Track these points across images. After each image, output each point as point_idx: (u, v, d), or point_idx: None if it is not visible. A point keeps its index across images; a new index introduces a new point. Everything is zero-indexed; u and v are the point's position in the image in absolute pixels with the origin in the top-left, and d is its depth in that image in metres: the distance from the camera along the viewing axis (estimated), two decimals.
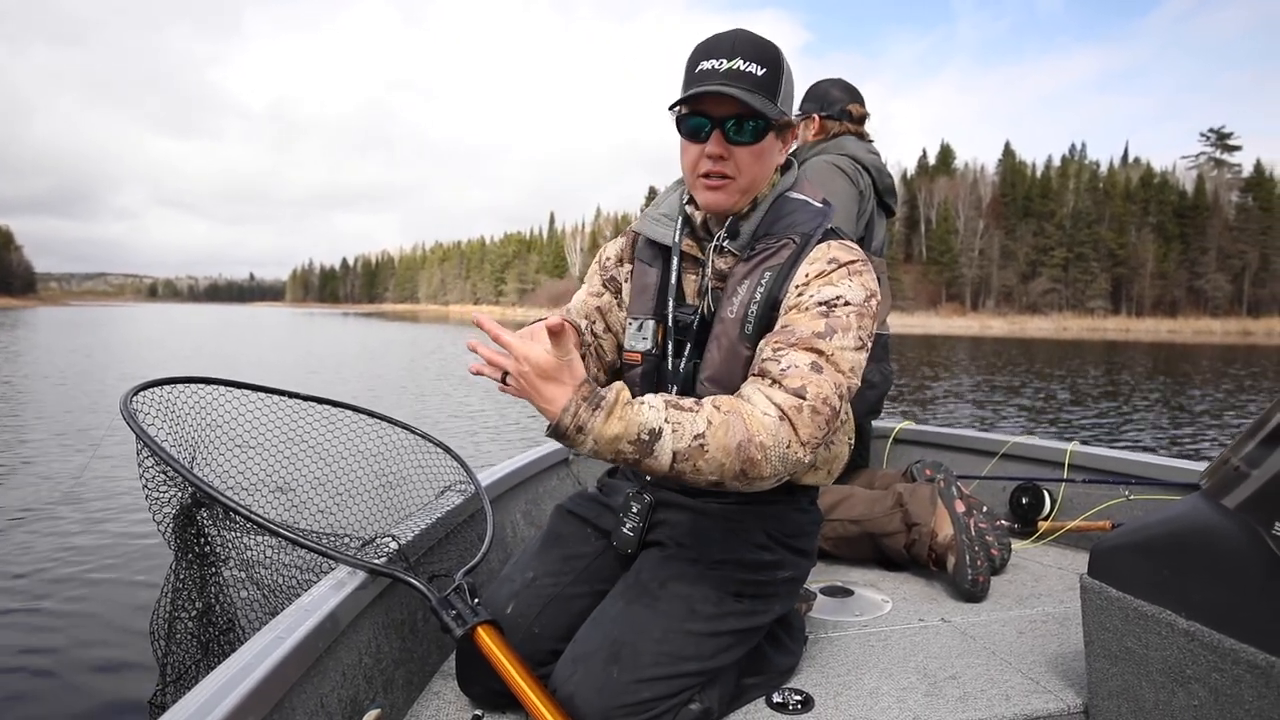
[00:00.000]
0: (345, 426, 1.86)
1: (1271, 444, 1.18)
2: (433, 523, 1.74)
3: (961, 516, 2.14)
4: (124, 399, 1.44)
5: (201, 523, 1.49)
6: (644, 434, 1.20)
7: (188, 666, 1.48)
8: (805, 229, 1.44)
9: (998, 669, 1.64)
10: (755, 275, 1.42)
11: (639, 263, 1.60)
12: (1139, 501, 2.38)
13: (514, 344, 1.19)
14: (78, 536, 4.97)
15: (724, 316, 1.44)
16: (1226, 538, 1.18)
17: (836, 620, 1.91)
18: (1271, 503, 1.14)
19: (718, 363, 1.44)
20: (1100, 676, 1.38)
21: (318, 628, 1.25)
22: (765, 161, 1.44)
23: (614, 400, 1.21)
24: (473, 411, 11.59)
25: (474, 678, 1.48)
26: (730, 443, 1.22)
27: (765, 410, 1.25)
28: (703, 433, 1.21)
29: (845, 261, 1.39)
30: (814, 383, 1.27)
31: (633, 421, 1.20)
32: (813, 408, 1.26)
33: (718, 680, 1.42)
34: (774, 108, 1.37)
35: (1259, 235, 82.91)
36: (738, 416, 1.24)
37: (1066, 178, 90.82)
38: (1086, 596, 1.40)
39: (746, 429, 1.23)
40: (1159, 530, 1.30)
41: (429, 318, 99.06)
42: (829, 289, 1.36)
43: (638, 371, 1.56)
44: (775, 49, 1.39)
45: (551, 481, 2.60)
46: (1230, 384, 18.45)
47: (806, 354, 1.30)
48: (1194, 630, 1.20)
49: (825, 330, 1.32)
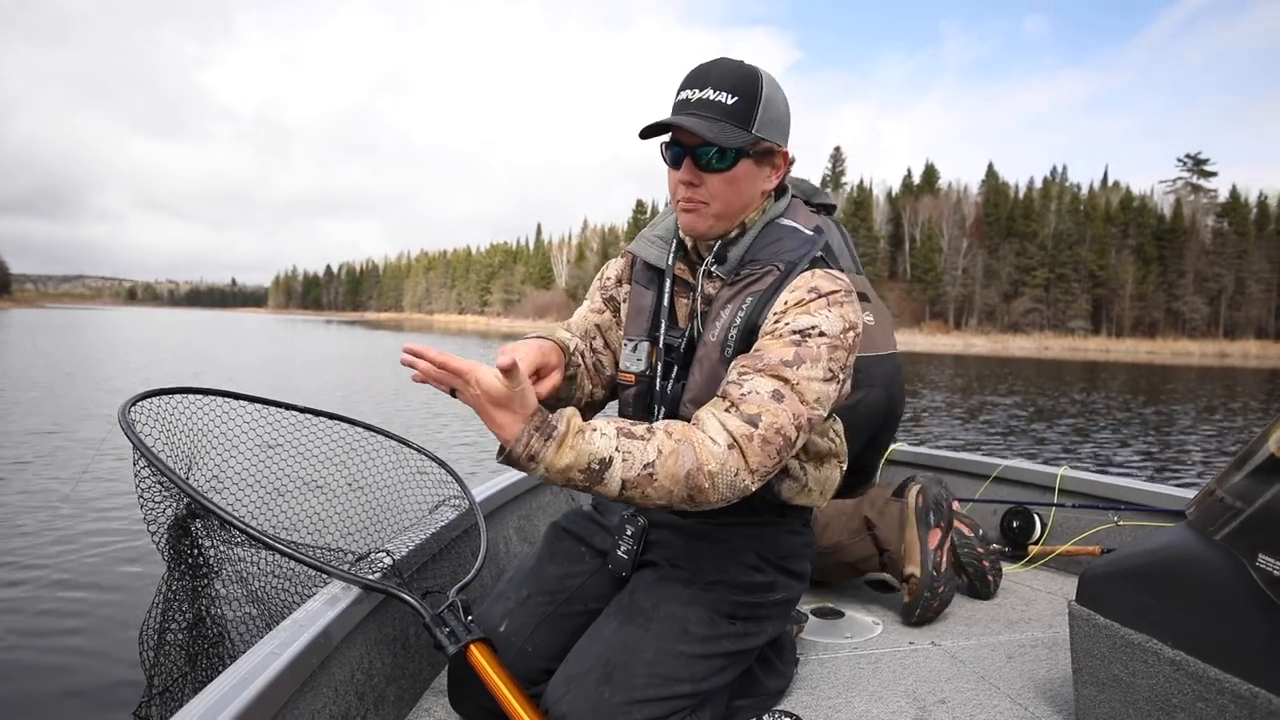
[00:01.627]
0: (340, 439, 1.86)
1: (1255, 477, 1.20)
2: (427, 538, 1.74)
3: (933, 553, 2.08)
4: (122, 409, 1.44)
5: (196, 534, 1.48)
6: (594, 463, 1.21)
7: (175, 679, 1.47)
8: (791, 256, 1.43)
9: (986, 694, 1.65)
10: (738, 300, 1.43)
11: (635, 285, 1.62)
12: (1128, 528, 2.41)
13: (464, 368, 1.18)
14: (69, 544, 4.92)
15: (707, 340, 1.45)
16: (1212, 569, 1.20)
17: (827, 642, 1.92)
18: (1255, 535, 1.16)
19: (700, 385, 1.45)
20: (1088, 704, 1.40)
21: (311, 643, 1.25)
22: (740, 188, 1.43)
23: (565, 430, 1.21)
24: (459, 424, 11.57)
25: (466, 695, 1.48)
26: (679, 471, 1.23)
27: (715, 437, 1.25)
28: (652, 461, 1.22)
29: (826, 292, 1.38)
30: (770, 411, 1.27)
31: (583, 451, 1.21)
32: (764, 437, 1.26)
33: (709, 702, 1.42)
34: (739, 135, 1.36)
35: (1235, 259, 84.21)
36: (688, 445, 1.24)
37: (1048, 199, 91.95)
38: (1075, 623, 1.41)
39: (696, 457, 1.23)
40: (1146, 559, 1.32)
41: (413, 326, 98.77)
42: (805, 318, 1.35)
43: (631, 392, 1.57)
44: (754, 77, 1.38)
45: (545, 497, 2.60)
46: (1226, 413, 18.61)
47: (770, 380, 1.30)
48: (1180, 659, 1.22)
49: (794, 359, 1.31)
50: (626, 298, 1.65)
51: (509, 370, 1.17)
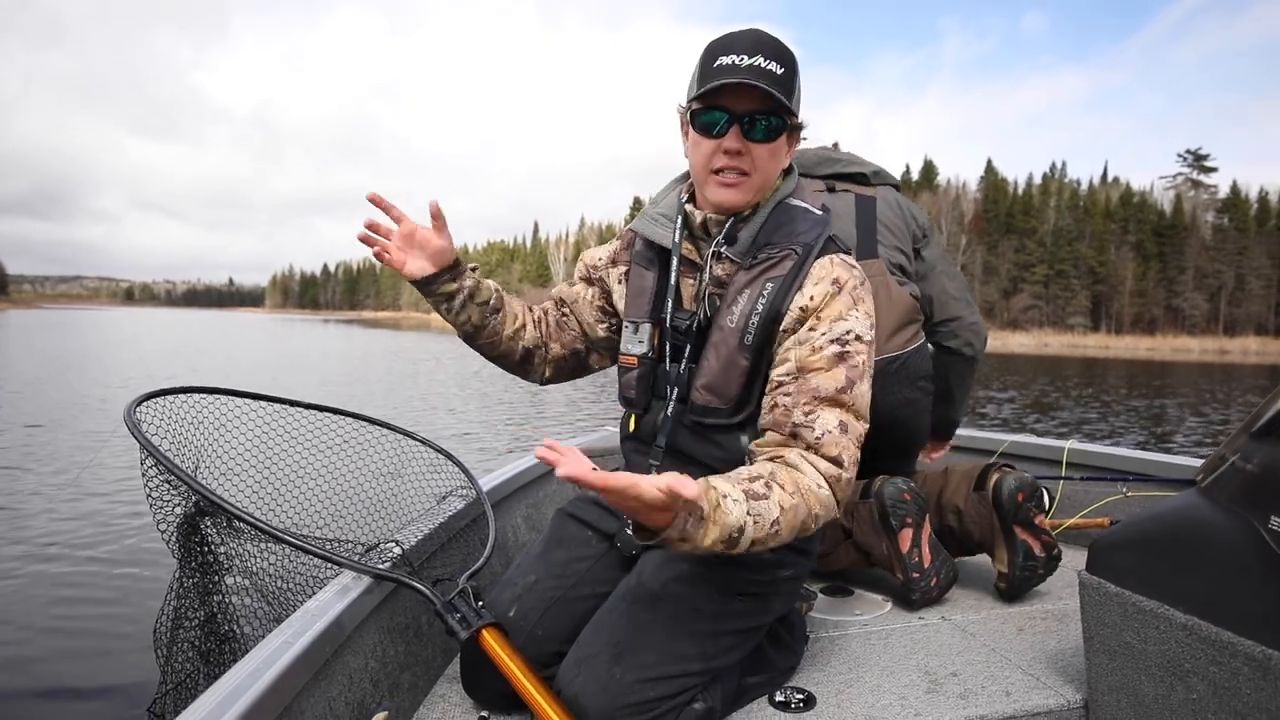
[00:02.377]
0: (347, 434, 1.86)
1: (1265, 438, 1.20)
2: (435, 528, 1.74)
3: (907, 555, 1.99)
4: (128, 409, 1.45)
5: (205, 531, 1.49)
6: (733, 533, 1.21)
7: (188, 674, 1.48)
8: (806, 239, 1.43)
9: (998, 666, 1.65)
10: (757, 285, 1.42)
11: (635, 266, 1.60)
12: (1136, 498, 2.40)
13: (623, 485, 1.10)
14: (81, 541, 4.95)
15: (723, 325, 1.44)
16: (1223, 532, 1.20)
17: (837, 619, 1.93)
18: (1266, 497, 1.16)
19: (715, 371, 1.45)
20: (1100, 672, 1.40)
21: (324, 633, 1.25)
22: (778, 161, 1.44)
23: (711, 511, 1.20)
24: (469, 417, 11.59)
25: (479, 680, 1.49)
26: (797, 521, 1.28)
27: (819, 484, 1.31)
28: (777, 518, 1.25)
29: (848, 285, 1.40)
30: (846, 448, 1.34)
31: (724, 525, 1.20)
32: (847, 479, 1.34)
33: (720, 679, 1.43)
34: (787, 106, 1.37)
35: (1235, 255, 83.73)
36: (800, 496, 1.28)
37: (1048, 195, 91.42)
38: (1085, 593, 1.41)
39: (808, 507, 1.29)
40: (1156, 526, 1.32)
41: (411, 325, 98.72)
42: (840, 325, 1.37)
43: (634, 374, 1.56)
44: (791, 51, 1.40)
45: (552, 485, 2.60)
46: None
47: (834, 413, 1.35)
48: (1192, 624, 1.22)
49: (846, 383, 1.36)
50: (621, 279, 1.63)
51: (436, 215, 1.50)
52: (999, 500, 2.05)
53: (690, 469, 1.53)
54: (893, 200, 2.34)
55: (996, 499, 2.05)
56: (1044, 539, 2.05)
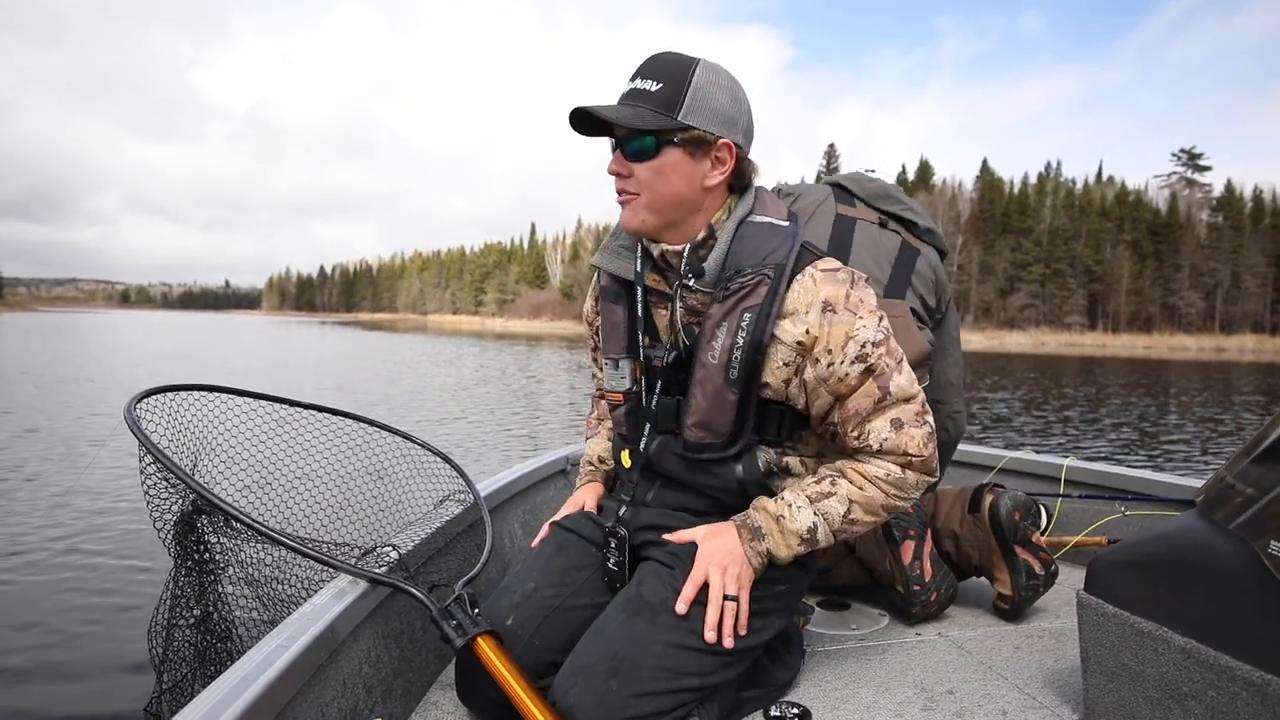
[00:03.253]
0: (346, 435, 1.86)
1: (1266, 463, 1.20)
2: (432, 532, 1.74)
3: (909, 569, 1.99)
4: (128, 405, 1.44)
5: (202, 530, 1.48)
6: (805, 534, 1.42)
7: (184, 674, 1.48)
8: (777, 258, 1.38)
9: (994, 684, 1.65)
10: (734, 317, 1.38)
11: (604, 301, 1.58)
12: (1135, 518, 2.40)
13: (696, 587, 1.41)
14: (77, 540, 4.95)
15: (705, 361, 1.41)
16: (1222, 556, 1.20)
17: (834, 634, 1.92)
18: (1266, 521, 1.15)
19: (704, 409, 1.43)
20: (1097, 693, 1.40)
21: (319, 637, 1.25)
22: (670, 179, 1.38)
23: (771, 524, 1.43)
24: (470, 420, 11.58)
25: (474, 688, 1.48)
26: (875, 505, 1.43)
27: (889, 470, 1.42)
28: (848, 510, 1.42)
29: (840, 301, 1.37)
30: (908, 440, 1.41)
31: (792, 531, 1.42)
32: (923, 459, 1.42)
33: (716, 694, 1.42)
34: (658, 119, 1.34)
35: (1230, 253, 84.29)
36: (871, 486, 1.42)
37: (1043, 195, 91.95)
38: (1083, 613, 1.41)
39: (882, 492, 1.42)
40: (1155, 547, 1.32)
41: (407, 327, 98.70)
42: (852, 345, 1.37)
43: (622, 411, 1.56)
44: (686, 65, 1.36)
45: (549, 491, 2.60)
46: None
47: (881, 419, 1.41)
48: (1190, 648, 1.21)
49: (880, 393, 1.39)
50: (595, 317, 1.65)
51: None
52: (996, 521, 2.04)
53: (678, 491, 1.53)
54: (933, 262, 2.35)
55: (994, 520, 2.04)
56: (1042, 557, 2.04)
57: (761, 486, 1.47)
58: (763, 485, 1.47)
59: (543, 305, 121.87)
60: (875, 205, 2.36)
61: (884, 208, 2.37)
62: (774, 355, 1.39)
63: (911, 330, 2.20)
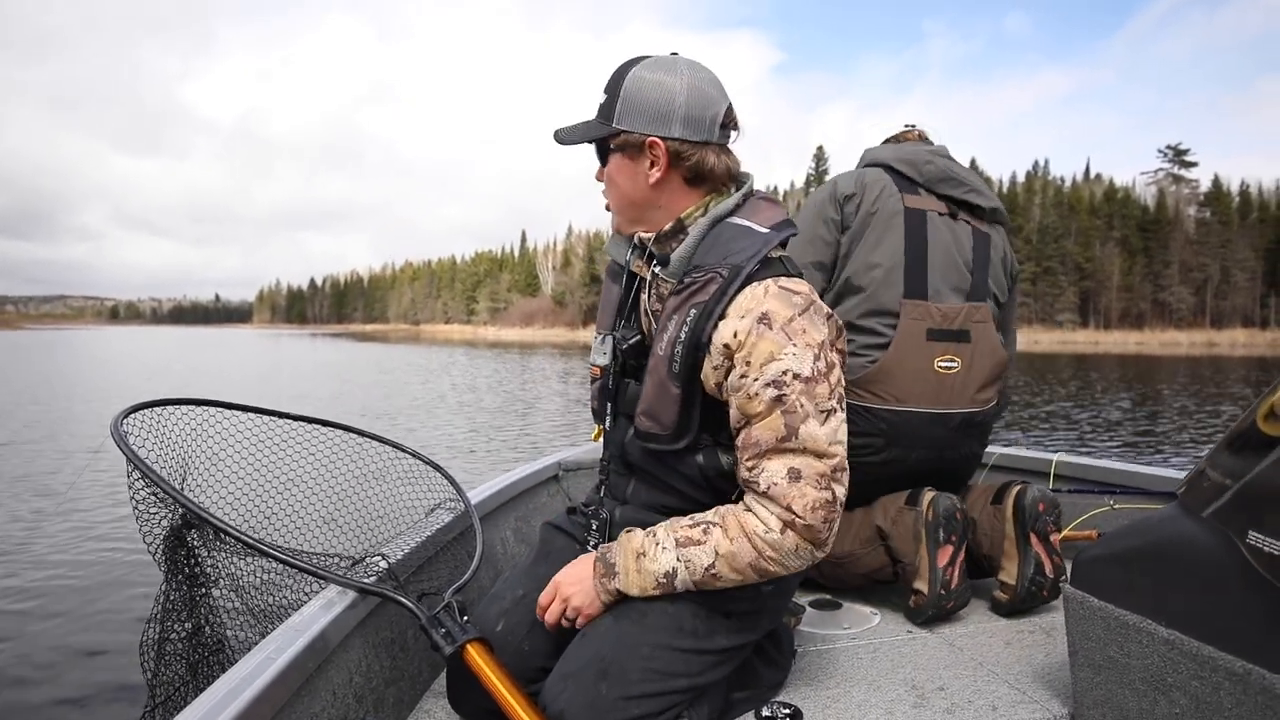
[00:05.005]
0: (334, 445, 1.86)
1: (1244, 453, 1.21)
2: (422, 541, 1.74)
3: (941, 572, 1.95)
4: (115, 421, 1.44)
5: (191, 544, 1.48)
6: (661, 578, 1.37)
7: (176, 688, 1.47)
8: (737, 260, 1.36)
9: (984, 680, 1.66)
10: (682, 311, 1.38)
11: (606, 279, 1.66)
12: (1123, 511, 2.41)
13: (546, 600, 1.45)
14: (66, 554, 4.93)
15: (655, 351, 1.43)
16: (1203, 547, 1.21)
17: (825, 633, 1.93)
18: (1245, 511, 1.17)
19: (651, 398, 1.44)
20: (1084, 686, 1.41)
21: (308, 647, 1.25)
22: (616, 183, 1.46)
23: (626, 563, 1.39)
24: (460, 429, 11.57)
25: (465, 696, 1.48)
26: (741, 563, 1.33)
27: (768, 526, 1.31)
28: (712, 564, 1.34)
29: (780, 319, 1.31)
30: (797, 496, 1.29)
31: (648, 572, 1.37)
32: (805, 523, 1.30)
33: (706, 695, 1.43)
34: (594, 129, 1.44)
35: (1219, 248, 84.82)
36: (743, 539, 1.32)
37: (1032, 193, 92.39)
38: (1069, 607, 1.42)
39: (753, 549, 1.32)
40: (1138, 540, 1.33)
41: (399, 338, 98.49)
42: (772, 367, 1.29)
43: (597, 385, 1.60)
44: (622, 70, 1.43)
45: (541, 498, 2.60)
46: None
47: (779, 461, 1.31)
48: (1174, 639, 1.23)
49: (786, 431, 1.29)
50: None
51: None
52: (1020, 507, 2.01)
53: (652, 488, 1.54)
54: (1001, 245, 2.29)
55: (1017, 507, 2.02)
56: (1054, 560, 2.02)
57: (729, 480, 1.44)
58: (729, 479, 1.44)
59: (535, 313, 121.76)
60: (939, 191, 2.21)
61: (948, 193, 2.21)
62: (709, 358, 1.37)
63: (994, 340, 2.19)
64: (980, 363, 2.15)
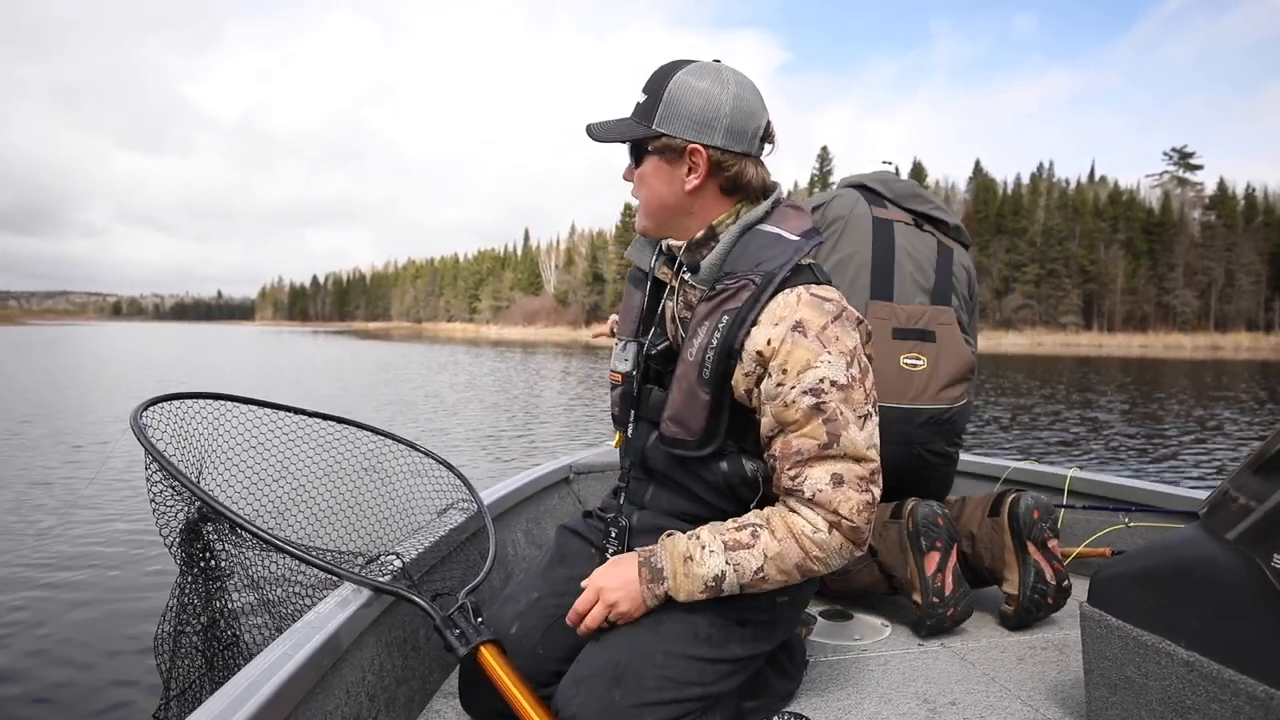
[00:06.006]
0: (350, 443, 1.86)
1: (1270, 475, 1.20)
2: (436, 541, 1.74)
3: (931, 579, 1.96)
4: (134, 414, 1.45)
5: (208, 538, 1.48)
6: (710, 582, 1.35)
7: (192, 681, 1.48)
8: (769, 267, 1.37)
9: (997, 695, 1.65)
10: (714, 317, 1.38)
11: (628, 285, 1.65)
12: (1139, 529, 2.40)
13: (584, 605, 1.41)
14: (83, 547, 4.94)
15: (685, 357, 1.42)
16: (1225, 569, 1.20)
17: (836, 644, 1.92)
18: (1270, 535, 1.16)
19: (679, 405, 1.43)
20: (1099, 705, 1.40)
21: (323, 645, 1.25)
22: (650, 186, 1.45)
23: (674, 567, 1.37)
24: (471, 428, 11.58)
25: (476, 697, 1.48)
26: (788, 564, 1.34)
27: (815, 527, 1.33)
28: (761, 566, 1.34)
29: (814, 327, 1.32)
30: (842, 500, 1.32)
31: (697, 576, 1.36)
32: (851, 524, 1.33)
33: (719, 704, 1.42)
34: (632, 129, 1.43)
35: (1224, 252, 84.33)
36: (790, 541, 1.34)
37: (1037, 195, 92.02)
38: (1086, 625, 1.41)
39: (801, 550, 1.33)
40: (1159, 560, 1.32)
41: (402, 335, 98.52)
42: (810, 375, 1.30)
43: (618, 392, 1.59)
44: (668, 72, 1.41)
45: (553, 500, 2.60)
46: None
47: (822, 468, 1.32)
48: (1193, 661, 1.22)
49: (828, 438, 1.31)
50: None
51: None
52: (1014, 516, 2.02)
53: (674, 493, 1.53)
54: (963, 261, 2.36)
55: (1012, 516, 2.03)
56: (1055, 566, 2.02)
57: (751, 488, 1.44)
58: (752, 487, 1.44)
59: (537, 312, 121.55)
60: (905, 205, 2.34)
61: (914, 207, 2.35)
62: (740, 365, 1.37)
63: (958, 338, 2.25)
64: (945, 362, 2.21)
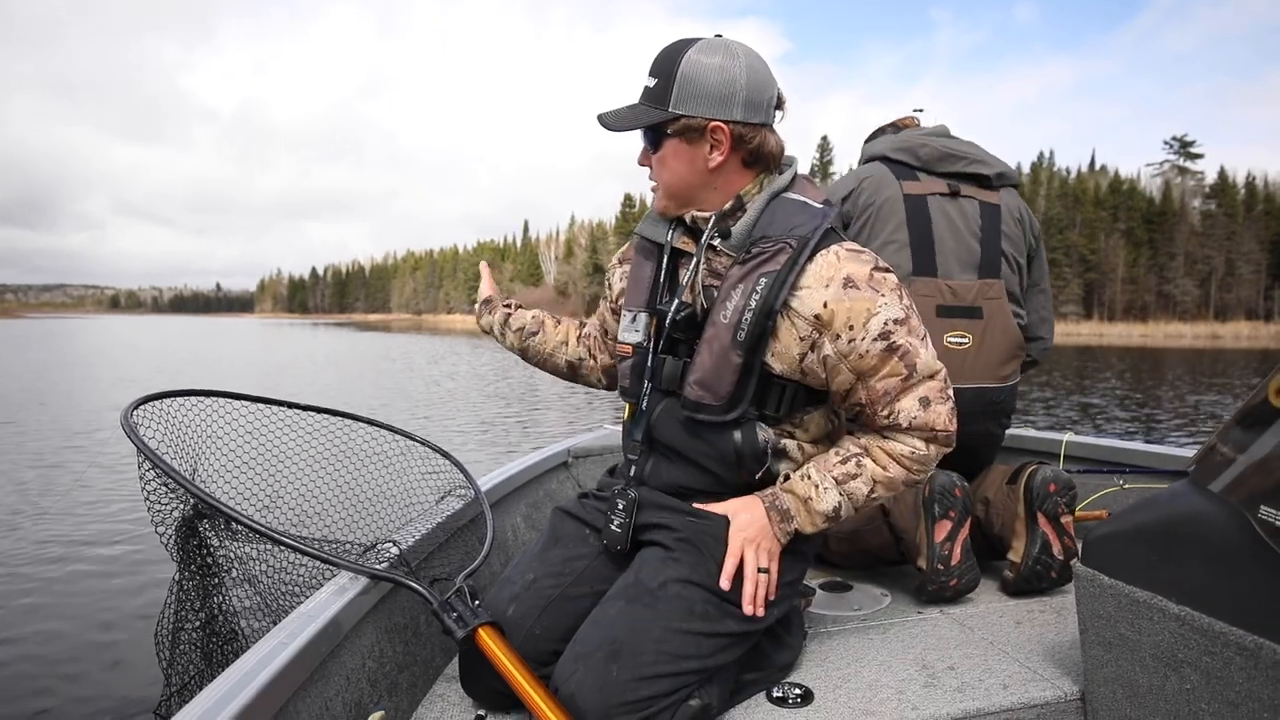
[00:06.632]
0: (345, 435, 1.87)
1: (1255, 428, 1.21)
2: (433, 528, 1.75)
3: (939, 547, 1.95)
4: (125, 412, 1.45)
5: (203, 533, 1.49)
6: (830, 513, 1.48)
7: (192, 675, 1.49)
8: (802, 231, 1.42)
9: (995, 659, 1.66)
10: (750, 280, 1.41)
11: (637, 257, 1.65)
12: (1133, 490, 2.40)
13: (732, 563, 1.46)
14: (82, 546, 4.95)
15: (717, 320, 1.44)
16: (1213, 523, 1.21)
17: (835, 615, 1.93)
18: (1255, 486, 1.16)
19: (708, 367, 1.45)
20: (1095, 663, 1.41)
21: (321, 633, 1.26)
22: (672, 167, 1.47)
23: (800, 506, 1.48)
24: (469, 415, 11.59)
25: (477, 679, 1.49)
26: (896, 483, 1.49)
27: (914, 448, 1.47)
28: (872, 489, 1.48)
29: (863, 277, 1.40)
30: (934, 418, 1.45)
31: (818, 512, 1.48)
32: (946, 434, 1.48)
33: (717, 677, 1.44)
34: (650, 115, 1.45)
35: (1224, 240, 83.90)
36: (895, 465, 1.48)
37: (1037, 184, 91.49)
38: (1080, 585, 1.42)
39: (905, 470, 1.48)
40: (1148, 517, 1.33)
41: (401, 327, 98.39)
42: (875, 322, 1.40)
43: (629, 364, 1.59)
44: (674, 53, 1.43)
45: (551, 484, 2.61)
46: None
47: (909, 398, 1.44)
48: (1185, 615, 1.22)
49: (906, 371, 1.43)
50: (625, 276, 1.70)
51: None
52: (1030, 486, 2.01)
53: (675, 464, 1.54)
54: (1015, 207, 2.24)
55: (1027, 487, 2.02)
56: (1065, 541, 2.01)
57: (758, 460, 1.48)
58: (759, 459, 1.48)
59: (537, 303, 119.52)
60: (938, 171, 2.19)
61: (948, 170, 2.19)
62: (789, 328, 1.41)
63: (1009, 317, 2.16)
64: (993, 339, 2.15)
